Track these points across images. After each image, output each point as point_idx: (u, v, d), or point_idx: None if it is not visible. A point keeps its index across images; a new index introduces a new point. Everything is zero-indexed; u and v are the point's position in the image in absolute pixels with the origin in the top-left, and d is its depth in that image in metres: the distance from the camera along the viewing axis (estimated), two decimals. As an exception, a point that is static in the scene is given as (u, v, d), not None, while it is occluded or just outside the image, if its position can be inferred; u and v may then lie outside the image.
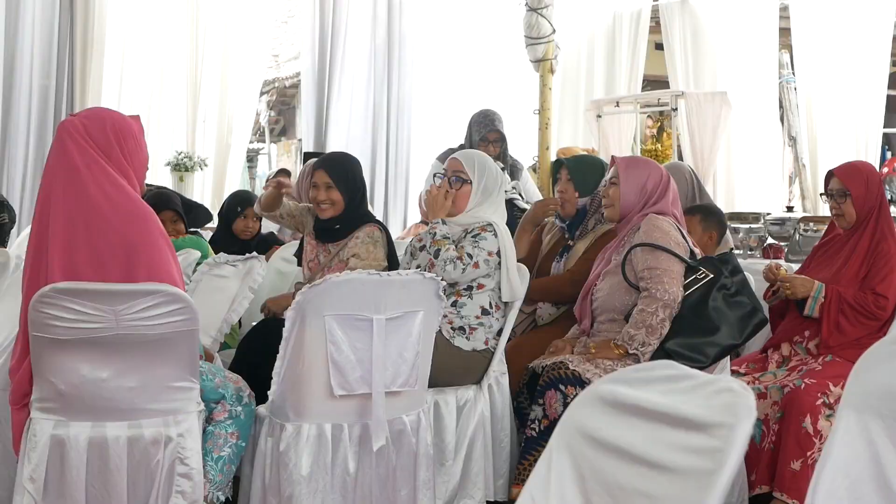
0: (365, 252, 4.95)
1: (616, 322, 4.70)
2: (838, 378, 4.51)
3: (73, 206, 3.64)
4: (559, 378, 4.43)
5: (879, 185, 5.05)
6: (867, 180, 5.00)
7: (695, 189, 6.31)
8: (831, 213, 5.14)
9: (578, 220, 5.38)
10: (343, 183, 5.06)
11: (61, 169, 3.70)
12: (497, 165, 5.19)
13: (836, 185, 5.04)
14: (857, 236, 4.97)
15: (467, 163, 4.99)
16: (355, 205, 5.11)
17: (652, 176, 4.89)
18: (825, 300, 4.82)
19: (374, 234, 5.03)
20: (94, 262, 3.62)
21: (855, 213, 4.97)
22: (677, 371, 2.37)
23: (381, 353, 3.96)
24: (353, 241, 5.01)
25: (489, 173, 4.99)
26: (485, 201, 4.94)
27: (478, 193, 4.95)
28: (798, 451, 4.44)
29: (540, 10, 9.19)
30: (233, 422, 4.04)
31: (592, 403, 2.47)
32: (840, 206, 5.01)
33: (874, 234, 4.92)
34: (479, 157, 5.07)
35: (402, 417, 4.13)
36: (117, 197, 3.69)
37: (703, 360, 4.49)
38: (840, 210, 5.02)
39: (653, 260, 4.59)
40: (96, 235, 3.63)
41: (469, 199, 4.95)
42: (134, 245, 3.66)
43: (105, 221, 3.64)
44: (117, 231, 3.64)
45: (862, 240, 4.95)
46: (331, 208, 5.06)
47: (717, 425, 2.14)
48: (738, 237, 7.65)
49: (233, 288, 4.90)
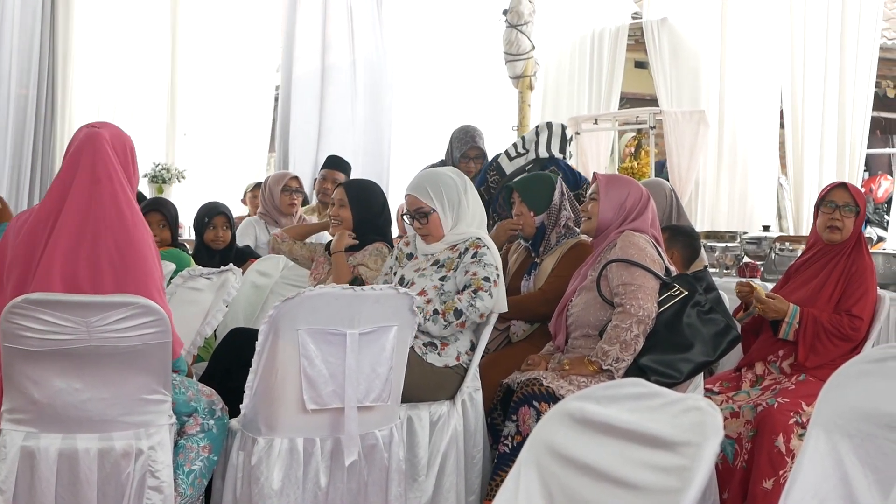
0: (373, 263, 5.28)
1: (590, 338, 4.70)
2: (811, 397, 4.51)
3: (86, 215, 3.67)
4: (533, 394, 4.43)
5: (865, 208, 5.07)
6: (865, 202, 5.03)
7: (673, 207, 6.33)
8: (825, 225, 5.03)
9: (540, 237, 5.38)
10: (355, 204, 5.45)
11: (87, 175, 3.73)
12: (449, 170, 5.18)
13: (845, 199, 4.98)
14: (837, 257, 4.97)
15: (421, 194, 4.91)
16: (365, 227, 5.45)
17: (632, 194, 4.91)
18: (800, 325, 4.82)
19: (382, 249, 5.37)
20: (92, 274, 3.64)
21: (853, 230, 4.97)
22: (646, 389, 2.37)
23: (354, 368, 3.96)
24: (362, 254, 5.35)
25: (446, 188, 4.92)
26: (458, 214, 4.92)
27: (447, 213, 4.91)
28: (770, 470, 4.44)
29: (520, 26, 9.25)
30: (205, 435, 4.03)
31: (561, 420, 2.48)
32: (843, 219, 4.98)
33: (851, 254, 4.93)
34: (427, 180, 4.98)
35: (374, 432, 4.12)
36: (127, 212, 3.72)
37: (677, 376, 4.50)
38: (841, 223, 4.98)
39: (628, 276, 4.60)
40: (101, 248, 3.65)
41: (442, 223, 4.92)
42: (130, 261, 3.69)
43: (111, 235, 3.66)
44: (119, 246, 3.67)
45: (841, 260, 4.95)
46: (339, 225, 5.41)
47: (684, 443, 2.14)
48: (713, 255, 7.67)
49: (207, 300, 4.89)
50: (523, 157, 6.50)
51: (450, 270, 4.80)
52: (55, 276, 3.61)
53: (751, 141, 10.88)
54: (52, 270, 3.61)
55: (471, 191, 5.01)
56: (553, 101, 12.14)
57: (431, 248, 4.92)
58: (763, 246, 7.60)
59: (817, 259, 5.09)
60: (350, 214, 5.45)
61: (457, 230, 4.91)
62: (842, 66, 10.21)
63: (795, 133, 10.55)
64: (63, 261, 3.63)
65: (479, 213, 5.04)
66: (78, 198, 3.70)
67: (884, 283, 6.29)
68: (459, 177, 5.04)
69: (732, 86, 10.91)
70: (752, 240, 7.77)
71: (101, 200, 3.70)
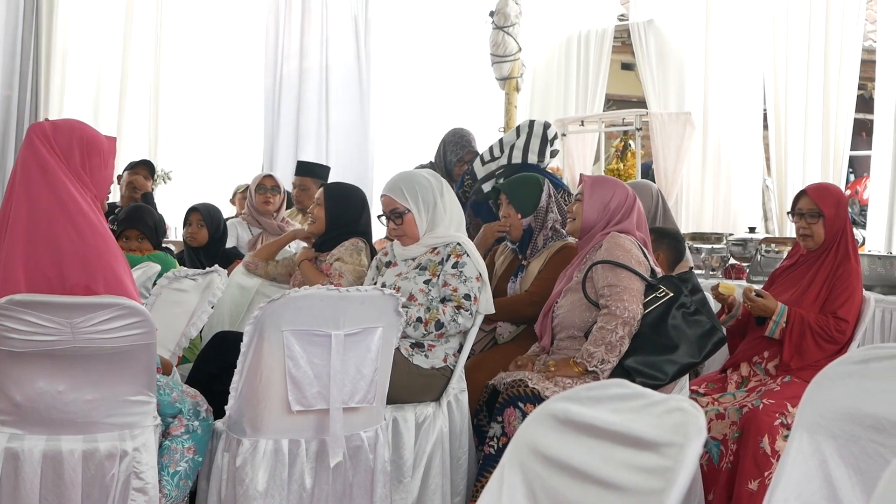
0: (349, 257, 5.33)
1: (576, 339, 4.71)
2: (796, 399, 4.49)
3: (31, 213, 3.63)
4: (518, 396, 4.44)
5: (846, 208, 5.07)
6: (837, 202, 5.02)
7: (659, 209, 6.34)
8: (798, 234, 5.11)
9: (528, 239, 5.38)
10: (331, 205, 5.52)
11: (22, 169, 3.70)
12: (426, 171, 5.18)
13: (808, 205, 5.02)
14: (821, 259, 4.98)
15: (395, 194, 4.91)
16: (338, 228, 5.51)
17: (617, 195, 4.91)
18: (787, 324, 4.83)
19: (358, 243, 5.43)
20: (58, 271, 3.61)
21: (824, 234, 4.98)
22: (629, 390, 2.37)
23: (340, 369, 3.95)
24: (338, 250, 5.40)
25: (421, 189, 4.91)
26: (434, 216, 4.92)
27: (422, 214, 4.90)
28: (755, 471, 4.44)
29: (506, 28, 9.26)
30: (189, 436, 4.02)
31: (545, 421, 2.47)
32: (810, 226, 5.00)
33: (837, 257, 4.94)
34: (403, 181, 4.98)
35: (359, 434, 4.12)
36: (70, 205, 3.67)
37: (662, 377, 4.51)
38: (809, 231, 5.01)
39: (613, 277, 4.60)
40: (54, 243, 3.61)
41: (417, 224, 4.92)
42: (91, 257, 3.65)
43: (60, 230, 3.62)
44: (72, 240, 3.63)
45: (826, 262, 4.95)
46: (314, 224, 5.58)
47: (667, 444, 2.14)
48: (699, 257, 7.69)
49: (192, 302, 4.88)
50: (495, 162, 6.46)
51: (434, 276, 4.79)
52: (19, 278, 3.58)
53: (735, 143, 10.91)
54: (15, 274, 3.58)
55: (447, 192, 5.01)
56: (539, 102, 12.15)
57: (410, 252, 4.92)
58: (749, 247, 7.62)
59: (801, 263, 5.10)
60: (324, 214, 5.51)
61: (435, 232, 4.91)
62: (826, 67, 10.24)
63: (779, 135, 10.58)
64: (24, 263, 3.59)
65: (458, 214, 5.03)
66: (19, 196, 3.67)
67: (869, 284, 6.30)
68: (436, 178, 5.04)
69: (717, 87, 10.94)
70: (737, 241, 7.79)
71: (37, 195, 3.65)
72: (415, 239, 4.92)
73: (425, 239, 4.90)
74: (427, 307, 4.69)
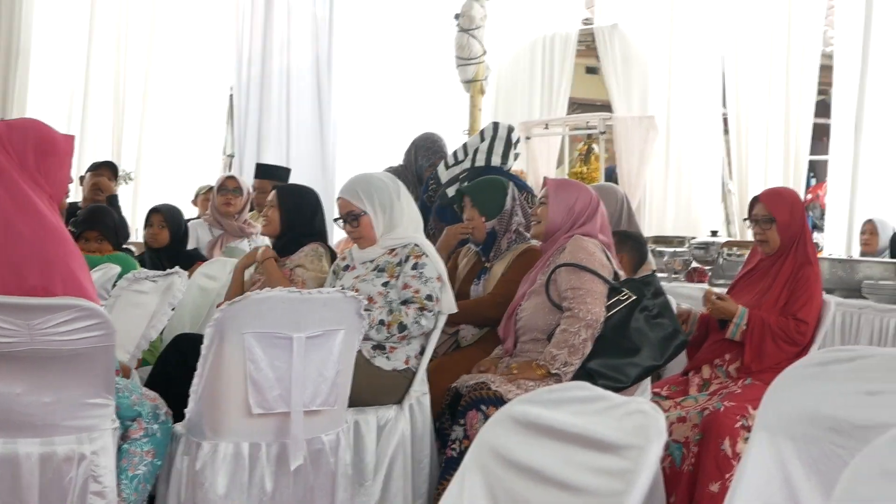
0: (310, 264, 5.24)
1: (539, 342, 4.70)
2: (757, 401, 4.44)
3: None
4: (481, 398, 4.43)
5: (803, 212, 5.09)
6: (791, 207, 5.04)
7: (624, 212, 6.35)
8: (755, 239, 5.16)
9: (491, 242, 5.37)
10: (284, 207, 5.41)
11: None
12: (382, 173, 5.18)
13: (761, 211, 5.06)
14: (779, 263, 5.00)
15: (351, 197, 4.91)
16: (293, 230, 5.40)
17: (581, 198, 4.93)
18: (748, 326, 4.84)
19: (318, 249, 5.33)
20: (13, 273, 3.57)
21: (779, 239, 5.00)
22: (590, 392, 2.37)
23: (301, 372, 3.93)
24: (298, 255, 5.29)
25: (377, 191, 4.91)
26: (391, 217, 4.91)
27: (379, 216, 4.89)
28: (717, 473, 4.45)
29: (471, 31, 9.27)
30: (149, 440, 3.98)
31: (506, 424, 2.47)
32: (765, 231, 5.03)
33: (796, 261, 4.96)
34: (358, 183, 4.98)
35: (320, 437, 4.10)
36: (25, 206, 3.63)
37: (625, 380, 4.52)
38: (764, 236, 5.04)
39: (576, 280, 4.61)
40: (11, 245, 3.58)
41: (374, 226, 4.90)
42: (49, 258, 3.61)
43: (17, 231, 3.59)
44: (29, 241, 3.59)
45: (784, 266, 4.97)
46: (268, 226, 5.47)
47: (628, 447, 2.14)
48: (662, 260, 7.71)
49: (152, 304, 4.84)
50: (459, 166, 6.46)
51: (392, 277, 4.78)
52: None
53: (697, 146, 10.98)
54: None
55: (404, 194, 5.00)
56: (504, 105, 12.17)
57: (368, 255, 4.91)
58: (711, 251, 7.65)
59: (761, 268, 5.13)
60: (278, 216, 5.42)
61: (393, 234, 4.90)
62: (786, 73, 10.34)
63: (739, 139, 10.68)
64: None
65: (415, 216, 5.03)
66: None
67: (829, 287, 6.34)
68: (392, 180, 5.04)
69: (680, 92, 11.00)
70: (700, 245, 7.82)
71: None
72: (372, 241, 4.90)
73: (383, 241, 4.89)
74: (389, 309, 4.68)
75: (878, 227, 8.35)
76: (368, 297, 4.66)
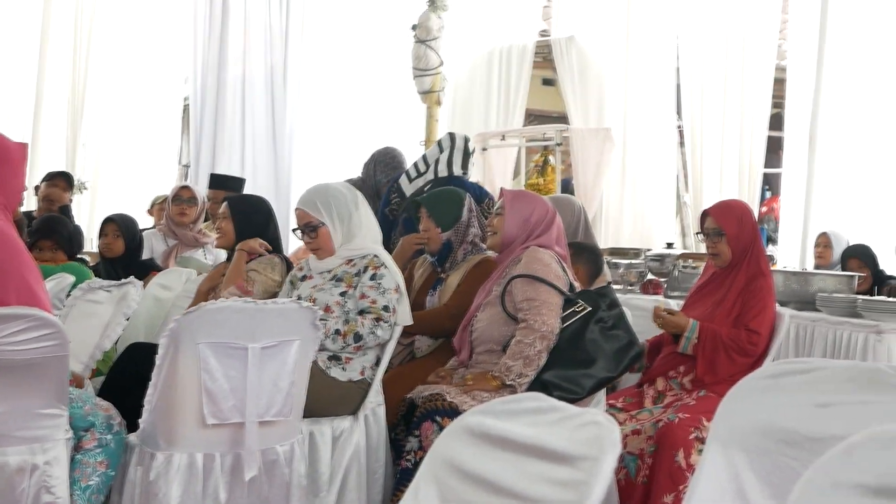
0: (262, 269, 5.27)
1: (494, 353, 4.71)
2: (711, 413, 4.47)
3: None
4: (435, 409, 4.43)
5: (753, 224, 5.12)
6: (740, 219, 5.07)
7: (581, 224, 6.37)
8: (707, 252, 5.21)
9: (446, 253, 5.38)
10: (238, 218, 5.45)
11: None
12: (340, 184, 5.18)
13: (710, 225, 5.10)
14: (732, 275, 5.03)
15: (309, 207, 4.90)
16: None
17: (537, 210, 4.94)
18: (699, 339, 4.87)
19: (273, 259, 5.35)
20: None
21: (730, 251, 5.03)
22: (544, 403, 2.38)
23: (256, 382, 3.92)
24: (253, 262, 5.32)
25: (335, 202, 4.91)
26: (349, 228, 4.90)
27: (337, 227, 4.89)
28: (670, 485, 4.46)
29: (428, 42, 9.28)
30: (102, 450, 3.96)
31: (460, 435, 2.47)
32: (715, 245, 5.07)
33: (748, 272, 4.99)
34: (316, 193, 4.97)
35: (275, 447, 4.09)
36: None
37: (579, 391, 4.53)
38: (716, 249, 5.07)
39: (532, 291, 4.62)
40: None
41: (332, 237, 4.90)
42: (2, 267, 3.59)
43: None
44: None
45: (737, 278, 5.00)
46: (223, 238, 5.50)
47: (582, 458, 2.15)
48: (618, 272, 7.73)
49: (106, 313, 4.82)
50: (422, 178, 6.49)
51: (350, 287, 4.77)
52: None
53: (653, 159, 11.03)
54: None
55: (362, 204, 5.01)
56: (461, 116, 12.17)
57: (326, 265, 4.90)
58: (666, 263, 7.67)
59: (714, 280, 5.16)
60: (232, 227, 5.45)
61: (351, 245, 4.89)
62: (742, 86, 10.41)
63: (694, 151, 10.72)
64: None
65: (374, 227, 5.03)
66: None
67: (783, 300, 6.38)
68: (350, 190, 5.03)
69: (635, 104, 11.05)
70: (655, 257, 7.84)
71: None
72: (330, 252, 4.90)
73: (341, 251, 4.88)
74: (346, 319, 4.67)
75: (832, 240, 8.41)
76: (325, 307, 4.65)
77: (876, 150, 9.23)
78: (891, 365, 2.82)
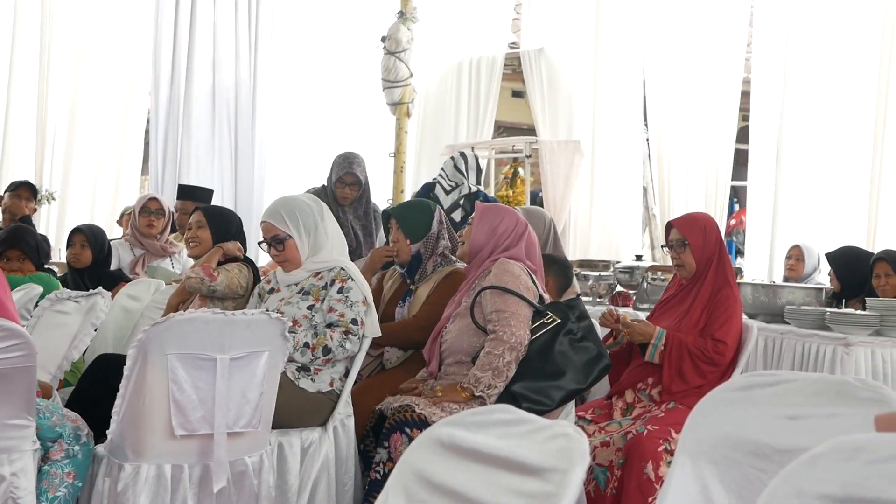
0: (231, 269, 5.25)
1: (464, 364, 4.71)
2: (680, 425, 4.50)
3: None
4: (405, 421, 4.43)
5: (717, 235, 5.14)
6: (704, 230, 5.10)
7: (550, 236, 6.40)
8: (672, 264, 5.24)
9: (416, 264, 5.39)
10: (215, 227, 5.45)
11: None
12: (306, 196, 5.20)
13: (675, 236, 5.13)
14: (698, 286, 5.05)
15: (276, 220, 4.90)
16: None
17: (505, 221, 4.95)
18: (665, 347, 4.89)
19: (244, 268, 5.33)
20: None
21: (694, 262, 5.06)
22: (514, 415, 2.38)
23: (225, 394, 3.92)
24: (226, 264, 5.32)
25: (301, 214, 4.90)
26: (316, 240, 4.90)
27: (303, 239, 4.89)
28: (640, 497, 4.47)
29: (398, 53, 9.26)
30: (69, 461, 3.94)
31: (430, 446, 2.47)
32: (680, 256, 5.10)
33: (714, 283, 5.02)
34: (282, 206, 4.97)
35: (244, 459, 4.08)
36: None
37: (549, 403, 4.53)
38: (680, 260, 5.11)
39: (501, 303, 4.63)
40: None
41: (299, 249, 4.90)
42: None
43: None
44: None
45: (703, 289, 5.03)
46: (198, 247, 5.44)
47: (551, 470, 2.15)
48: (587, 284, 7.75)
49: (74, 324, 4.80)
50: (456, 191, 6.77)
51: (317, 300, 4.77)
52: None
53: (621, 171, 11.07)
54: None
55: (328, 216, 5.01)
56: (431, 128, 12.18)
57: (293, 277, 4.90)
58: (636, 275, 7.69)
59: (680, 292, 5.18)
60: (209, 235, 5.44)
61: (317, 257, 4.89)
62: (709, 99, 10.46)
63: (661, 164, 10.77)
64: None
65: (339, 239, 5.03)
66: None
67: (752, 312, 6.41)
68: (315, 202, 5.03)
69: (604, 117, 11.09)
70: (624, 269, 7.86)
71: None
72: (297, 264, 4.89)
73: (307, 264, 4.88)
74: (314, 332, 4.67)
75: (804, 252, 8.42)
76: (293, 320, 4.64)
77: (841, 162, 9.27)
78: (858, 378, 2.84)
